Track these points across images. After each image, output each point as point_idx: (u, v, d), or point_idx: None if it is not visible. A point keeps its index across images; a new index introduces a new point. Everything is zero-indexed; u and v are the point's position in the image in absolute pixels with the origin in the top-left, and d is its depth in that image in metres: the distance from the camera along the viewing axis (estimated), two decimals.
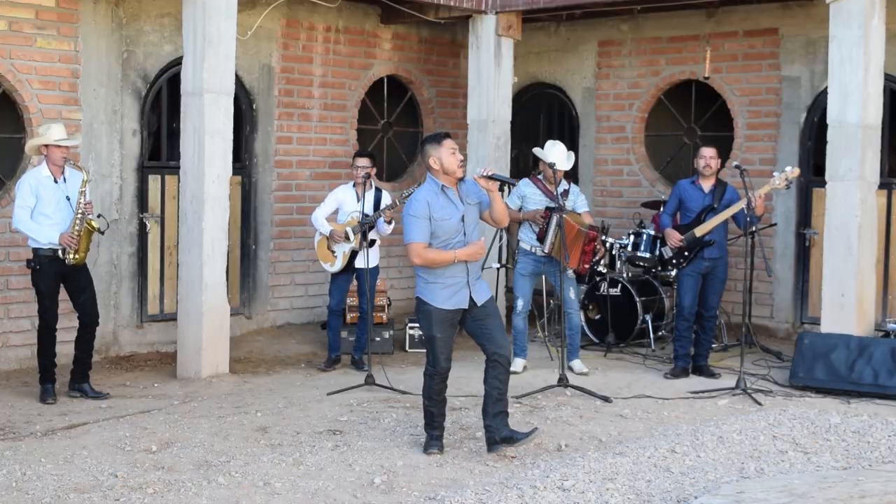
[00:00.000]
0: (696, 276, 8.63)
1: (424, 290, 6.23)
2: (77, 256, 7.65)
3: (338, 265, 8.89)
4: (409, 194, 8.48)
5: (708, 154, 8.68)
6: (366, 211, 8.60)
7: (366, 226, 8.55)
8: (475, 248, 6.18)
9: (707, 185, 8.68)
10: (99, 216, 7.91)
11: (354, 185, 8.89)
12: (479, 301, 6.25)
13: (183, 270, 8.56)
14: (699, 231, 8.52)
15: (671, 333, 10.02)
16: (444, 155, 6.08)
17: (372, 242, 8.82)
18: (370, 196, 8.78)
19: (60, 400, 7.79)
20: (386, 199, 8.86)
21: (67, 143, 7.68)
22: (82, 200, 7.66)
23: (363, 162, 8.85)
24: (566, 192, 8.70)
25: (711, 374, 8.57)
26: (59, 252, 7.60)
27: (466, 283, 6.18)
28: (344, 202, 8.91)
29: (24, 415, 7.38)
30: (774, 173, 8.49)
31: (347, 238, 8.76)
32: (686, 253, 8.60)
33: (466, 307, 6.21)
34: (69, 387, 7.94)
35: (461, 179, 6.18)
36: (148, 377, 8.67)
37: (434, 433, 6.38)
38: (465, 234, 6.17)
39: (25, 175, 7.79)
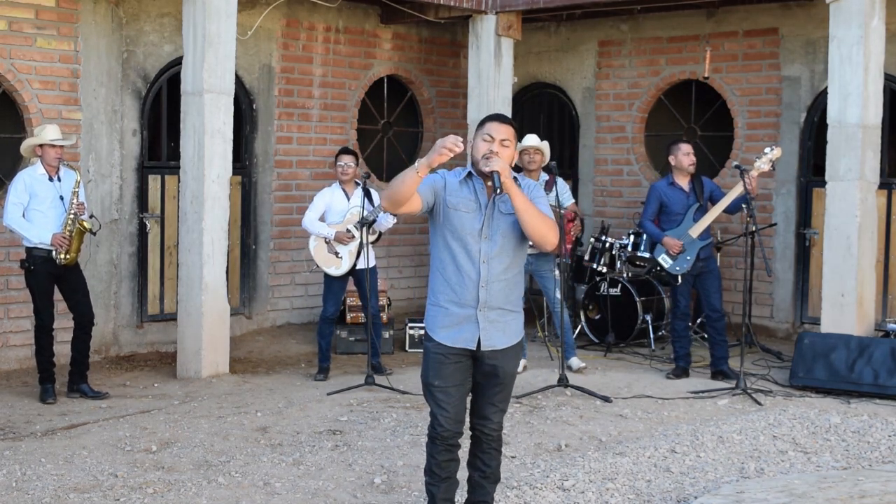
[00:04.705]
0: (689, 279, 8.49)
1: (428, 314, 4.66)
2: (68, 257, 7.65)
3: (345, 266, 8.56)
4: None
5: (691, 150, 8.47)
6: (363, 206, 8.32)
7: (368, 222, 8.27)
8: (443, 141, 4.33)
9: (685, 183, 8.50)
10: (91, 216, 7.91)
11: (341, 185, 8.68)
12: (487, 346, 4.55)
13: (183, 270, 8.56)
14: (694, 232, 8.39)
15: (671, 333, 10.02)
16: (476, 138, 4.59)
17: (378, 237, 8.68)
18: (359, 192, 8.48)
19: (60, 400, 7.79)
20: (376, 195, 8.54)
21: (60, 142, 7.70)
22: (75, 201, 7.68)
23: (349, 159, 8.60)
24: (549, 184, 8.56)
25: (736, 376, 8.10)
26: (53, 252, 7.61)
27: (476, 315, 4.54)
28: (332, 203, 8.65)
29: (24, 415, 7.39)
30: (756, 158, 8.29)
31: (353, 237, 8.51)
32: (688, 257, 8.41)
33: (473, 349, 4.56)
34: (68, 388, 7.94)
35: (493, 183, 4.43)
36: (148, 377, 8.67)
37: None
38: (482, 246, 4.52)
39: (20, 173, 7.81)
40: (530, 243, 4.65)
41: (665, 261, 8.52)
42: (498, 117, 4.61)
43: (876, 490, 5.07)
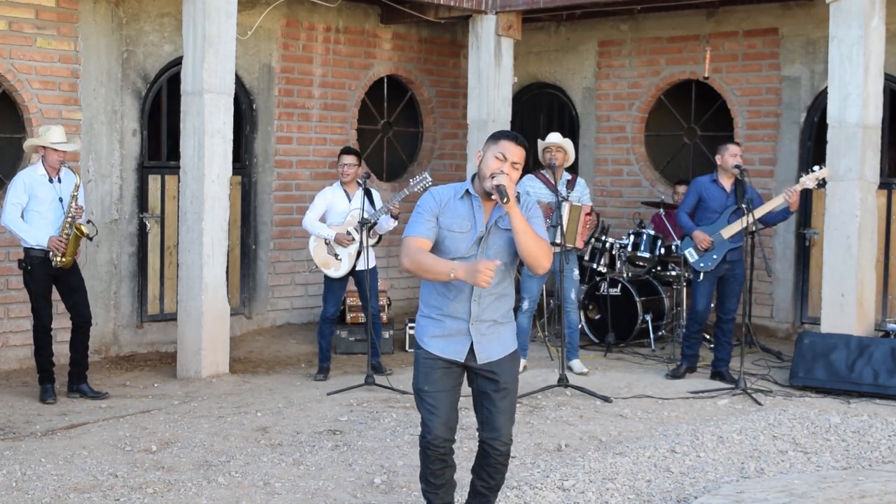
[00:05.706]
0: (712, 280, 8.41)
1: (418, 325, 4.67)
2: (64, 260, 7.63)
3: (344, 268, 8.53)
4: (420, 185, 8.30)
5: (739, 151, 8.42)
6: (363, 208, 8.26)
7: (369, 224, 8.23)
8: (481, 268, 4.26)
9: (728, 183, 8.43)
10: (88, 221, 7.88)
11: (342, 185, 8.64)
12: (484, 359, 4.58)
13: (183, 270, 8.56)
14: (726, 233, 8.29)
15: (671, 334, 10.02)
16: (488, 153, 4.52)
17: (378, 240, 8.67)
18: (360, 193, 8.41)
19: (60, 400, 7.79)
20: (377, 195, 8.56)
21: (64, 147, 7.66)
22: (73, 204, 7.65)
23: (350, 159, 8.58)
24: (571, 183, 8.66)
25: (733, 381, 8.17)
26: (50, 254, 7.60)
27: (468, 328, 4.56)
28: (333, 203, 8.60)
29: (24, 415, 7.39)
30: (803, 174, 8.33)
31: (353, 239, 8.48)
32: (714, 256, 8.32)
33: (462, 360, 4.59)
34: (68, 388, 7.94)
35: (499, 196, 4.40)
36: (148, 377, 8.67)
37: None
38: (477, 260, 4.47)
39: (20, 173, 7.79)
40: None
41: (691, 255, 8.44)
42: (515, 138, 4.56)
43: (876, 490, 5.07)
